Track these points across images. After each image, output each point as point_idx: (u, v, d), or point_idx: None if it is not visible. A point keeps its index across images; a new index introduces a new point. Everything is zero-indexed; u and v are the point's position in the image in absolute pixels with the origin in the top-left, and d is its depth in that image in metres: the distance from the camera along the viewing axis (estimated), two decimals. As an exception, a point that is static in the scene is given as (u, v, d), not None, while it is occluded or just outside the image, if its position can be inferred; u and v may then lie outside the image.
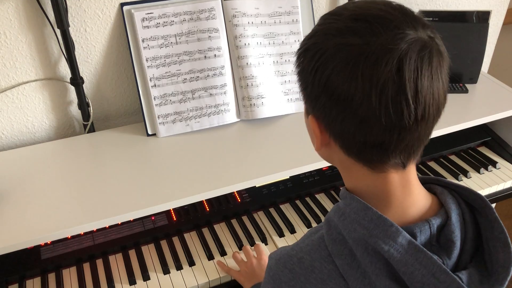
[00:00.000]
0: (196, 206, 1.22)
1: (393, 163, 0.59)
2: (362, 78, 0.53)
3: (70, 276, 1.08)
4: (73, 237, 1.12)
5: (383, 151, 0.58)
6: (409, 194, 0.62)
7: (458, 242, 0.61)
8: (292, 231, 1.20)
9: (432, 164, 1.44)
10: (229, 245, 1.16)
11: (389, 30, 0.54)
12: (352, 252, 0.60)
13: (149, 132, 1.29)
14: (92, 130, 1.34)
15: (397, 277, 0.58)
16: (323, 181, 1.31)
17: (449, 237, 0.61)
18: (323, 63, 0.56)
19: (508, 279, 0.60)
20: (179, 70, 1.27)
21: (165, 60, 1.26)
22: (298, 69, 0.62)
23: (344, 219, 0.62)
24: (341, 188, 0.67)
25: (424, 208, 0.63)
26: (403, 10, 0.57)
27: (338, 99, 0.56)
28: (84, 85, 1.29)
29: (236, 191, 1.25)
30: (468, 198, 0.65)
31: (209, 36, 1.28)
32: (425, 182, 0.67)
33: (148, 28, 1.23)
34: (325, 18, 0.61)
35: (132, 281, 1.06)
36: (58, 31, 1.19)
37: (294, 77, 1.35)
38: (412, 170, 0.62)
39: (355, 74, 0.54)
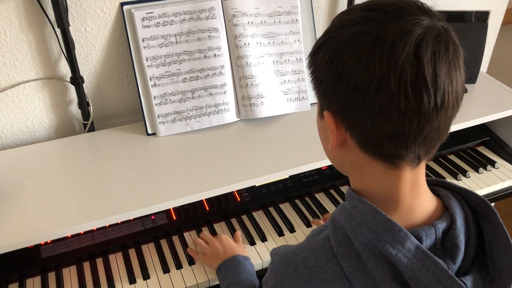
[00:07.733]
0: (196, 205, 1.22)
1: (410, 158, 0.58)
2: (379, 63, 0.53)
3: (70, 275, 1.08)
4: (73, 236, 1.12)
5: (402, 142, 0.56)
6: (417, 196, 0.62)
7: (463, 247, 0.61)
8: (292, 230, 1.20)
9: (431, 163, 1.44)
10: (229, 244, 1.17)
11: (405, 16, 0.54)
12: (358, 254, 0.60)
13: (149, 132, 1.30)
14: (92, 129, 1.35)
15: (402, 282, 0.58)
16: (322, 180, 1.31)
17: (454, 241, 0.60)
18: (338, 53, 0.55)
19: None
20: (179, 69, 1.28)
21: (165, 60, 1.26)
22: (312, 67, 0.61)
23: (350, 221, 0.61)
24: (344, 189, 0.66)
25: (430, 211, 0.63)
26: (417, 1, 0.57)
27: (355, 87, 0.54)
28: (84, 85, 1.29)
29: (236, 191, 1.25)
30: (471, 202, 0.65)
31: (209, 36, 1.28)
32: (429, 184, 0.66)
33: (148, 27, 1.23)
34: (337, 15, 0.60)
35: (132, 280, 1.07)
36: (58, 30, 1.19)
37: (294, 77, 1.37)
38: (422, 171, 0.62)
39: (372, 59, 0.53)
